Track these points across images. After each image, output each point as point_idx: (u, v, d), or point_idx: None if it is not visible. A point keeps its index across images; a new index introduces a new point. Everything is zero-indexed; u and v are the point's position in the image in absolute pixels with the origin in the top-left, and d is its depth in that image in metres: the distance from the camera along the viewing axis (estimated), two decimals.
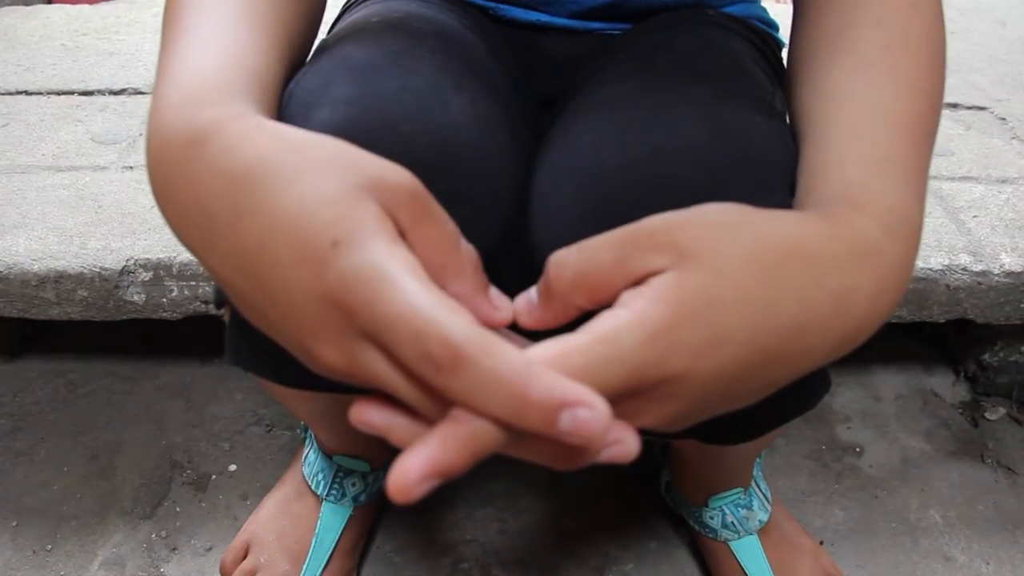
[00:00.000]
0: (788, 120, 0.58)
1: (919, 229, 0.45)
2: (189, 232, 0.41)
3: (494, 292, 0.42)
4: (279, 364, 0.43)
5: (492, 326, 0.40)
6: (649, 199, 0.48)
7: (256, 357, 0.59)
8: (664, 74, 0.56)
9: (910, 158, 0.47)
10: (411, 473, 0.33)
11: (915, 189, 0.46)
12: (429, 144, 0.49)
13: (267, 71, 0.49)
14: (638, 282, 0.38)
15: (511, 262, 0.53)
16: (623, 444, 0.36)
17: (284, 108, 0.51)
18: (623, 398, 0.36)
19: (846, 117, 0.49)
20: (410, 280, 0.34)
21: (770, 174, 0.50)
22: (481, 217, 0.50)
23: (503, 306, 0.41)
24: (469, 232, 0.42)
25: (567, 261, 0.39)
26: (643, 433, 0.53)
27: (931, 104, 0.50)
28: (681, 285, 0.36)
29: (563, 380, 0.33)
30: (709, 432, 0.59)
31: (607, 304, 0.38)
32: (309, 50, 0.58)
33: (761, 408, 0.47)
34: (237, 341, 0.60)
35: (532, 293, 0.42)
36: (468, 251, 0.41)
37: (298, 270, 0.35)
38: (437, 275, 0.39)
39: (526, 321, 0.41)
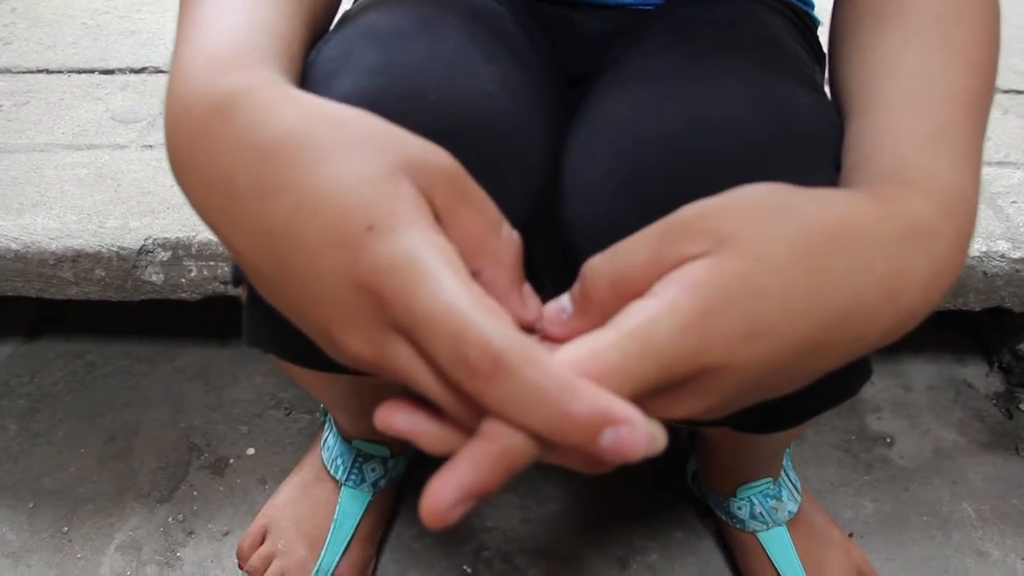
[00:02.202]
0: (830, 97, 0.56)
1: (975, 209, 0.43)
2: (208, 205, 0.38)
3: (526, 289, 0.39)
4: (299, 345, 0.41)
5: (519, 324, 0.38)
6: (689, 172, 0.45)
7: (275, 337, 0.57)
8: (702, 46, 0.54)
9: (965, 133, 0.44)
10: (444, 499, 0.31)
11: (971, 167, 0.43)
12: (458, 113, 0.46)
13: (294, 37, 0.47)
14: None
15: (537, 240, 0.51)
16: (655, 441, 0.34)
17: (304, 77, 0.49)
18: (658, 391, 0.34)
19: (896, 89, 0.46)
20: (450, 275, 0.32)
21: (815, 149, 0.48)
22: (514, 187, 0.48)
23: (532, 305, 0.39)
24: (501, 203, 0.39)
25: (602, 268, 0.37)
26: (674, 420, 0.51)
27: (985, 78, 0.47)
28: (718, 270, 0.34)
29: (606, 395, 0.31)
30: (744, 421, 0.57)
31: None
32: (332, 19, 0.56)
33: (800, 396, 0.45)
34: (255, 321, 0.58)
35: (564, 301, 0.39)
36: (510, 238, 0.38)
37: (328, 253, 0.33)
38: (472, 259, 0.37)
39: (560, 332, 0.38)
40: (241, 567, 0.89)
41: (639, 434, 0.31)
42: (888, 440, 1.11)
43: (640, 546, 0.97)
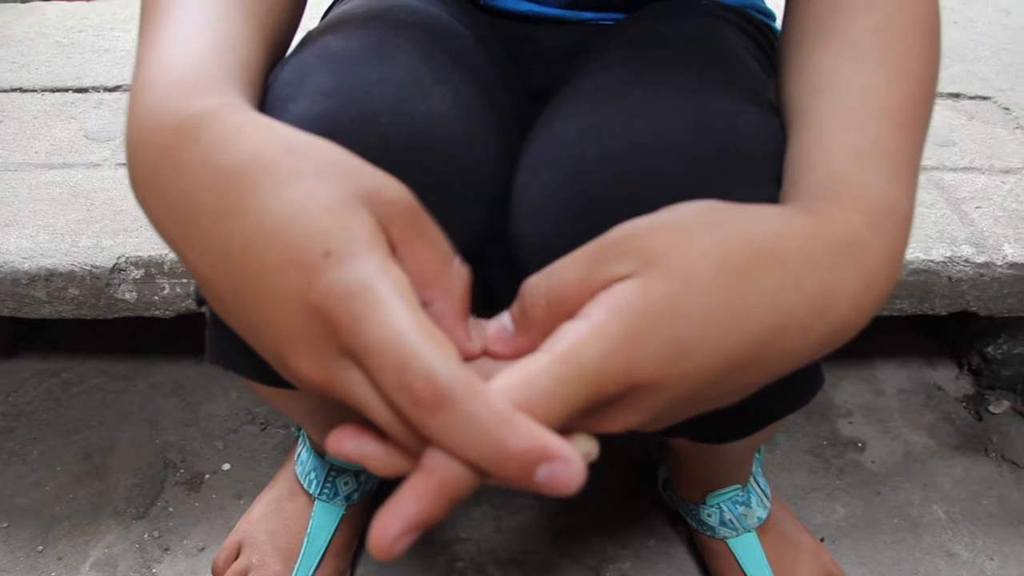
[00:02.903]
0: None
1: (908, 222, 0.44)
2: (168, 222, 0.39)
3: (472, 322, 0.40)
4: (259, 364, 0.42)
5: (462, 356, 0.39)
6: (629, 192, 0.46)
7: (236, 356, 0.58)
8: (649, 64, 0.55)
9: (899, 147, 0.45)
10: (389, 531, 0.32)
11: (904, 179, 0.44)
12: (408, 135, 0.47)
13: (255, 61, 0.47)
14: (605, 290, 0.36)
15: (495, 253, 0.52)
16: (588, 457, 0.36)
17: (263, 100, 0.50)
18: (592, 408, 0.35)
19: (832, 104, 0.47)
20: (401, 304, 0.33)
21: (755, 165, 0.49)
22: (462, 209, 0.49)
23: (477, 339, 0.40)
24: (449, 224, 0.40)
25: (539, 288, 0.38)
26: (634, 432, 0.52)
27: (923, 90, 0.48)
28: (645, 292, 0.35)
29: (543, 432, 0.32)
30: (699, 431, 0.58)
31: None
32: (289, 44, 0.57)
33: (751, 406, 0.46)
34: (217, 339, 0.59)
35: (505, 320, 0.40)
36: (460, 271, 0.39)
37: (285, 276, 0.34)
38: (424, 290, 0.38)
39: (503, 351, 0.39)
40: None
41: (573, 470, 0.32)
42: (859, 444, 1.12)
43: (613, 554, 0.97)
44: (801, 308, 0.37)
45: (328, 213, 0.35)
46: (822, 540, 0.99)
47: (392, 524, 0.32)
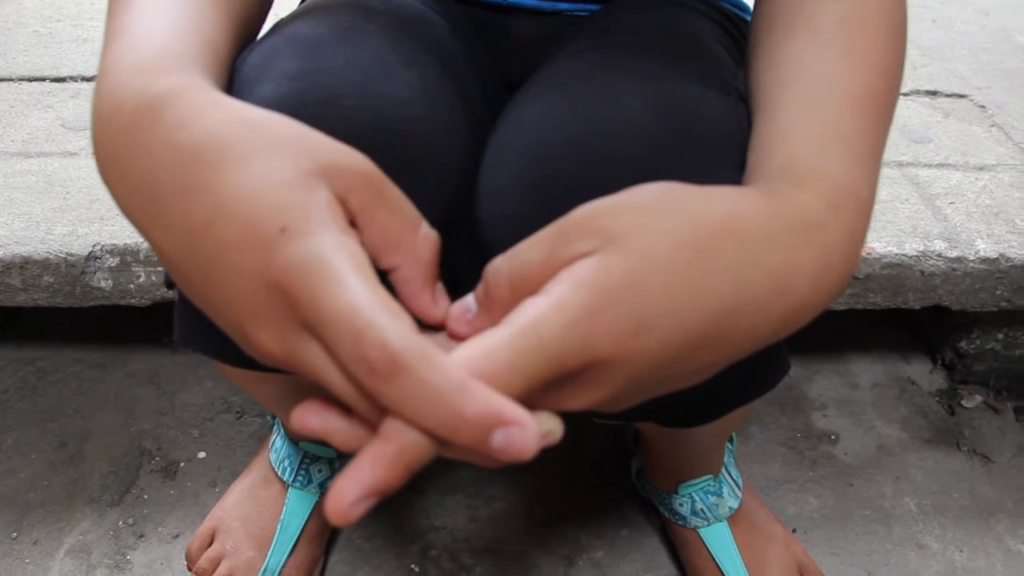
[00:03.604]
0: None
1: (868, 205, 0.44)
2: (132, 202, 0.39)
3: (439, 288, 0.41)
4: (225, 344, 0.42)
5: (426, 322, 0.40)
6: (592, 175, 0.47)
7: (203, 336, 0.58)
8: (616, 51, 0.55)
9: (861, 133, 0.46)
10: (346, 497, 0.33)
11: (865, 165, 0.45)
12: (372, 118, 0.48)
13: (222, 44, 0.48)
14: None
15: (462, 238, 0.52)
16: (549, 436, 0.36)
17: (230, 83, 0.50)
18: (552, 384, 0.36)
19: (796, 92, 0.48)
20: (355, 277, 0.33)
21: (718, 150, 0.49)
22: (429, 188, 0.49)
23: (442, 304, 0.40)
24: (417, 203, 0.41)
25: (503, 268, 0.38)
26: (602, 416, 0.53)
27: (887, 81, 0.49)
28: (604, 269, 0.35)
29: (498, 397, 0.32)
30: (666, 415, 0.58)
31: None
32: (259, 30, 0.57)
33: (716, 389, 0.47)
34: (185, 320, 0.59)
35: (469, 301, 0.40)
36: (427, 236, 0.40)
37: (244, 253, 0.35)
38: (388, 257, 0.38)
39: (466, 330, 0.39)
40: (190, 568, 0.90)
41: (528, 435, 0.32)
42: (833, 437, 1.13)
43: (586, 544, 0.98)
44: (760, 286, 0.38)
45: (284, 189, 0.35)
46: (794, 531, 1.00)
47: (349, 490, 0.33)
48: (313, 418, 0.36)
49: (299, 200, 0.35)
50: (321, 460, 0.90)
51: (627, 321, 0.35)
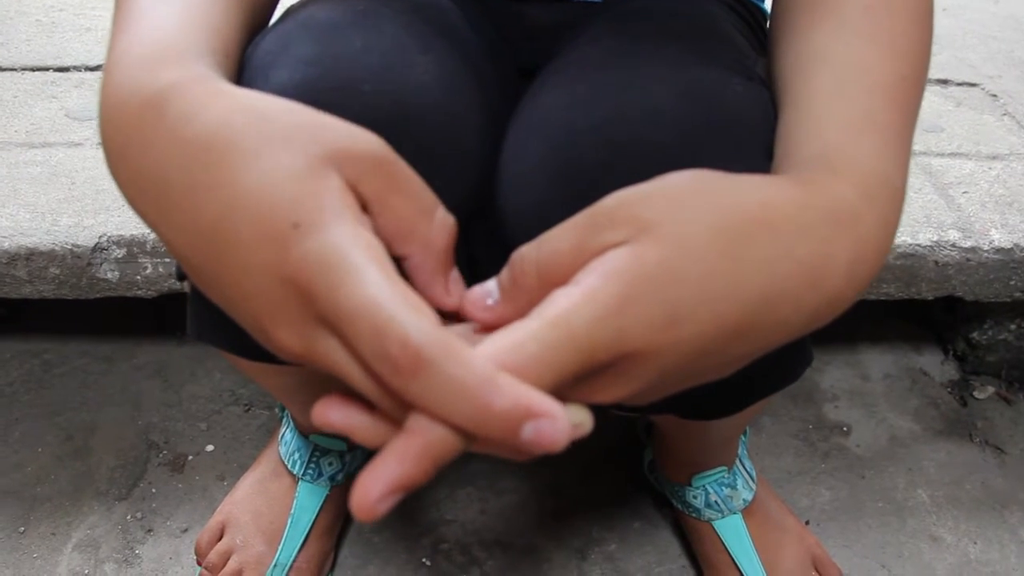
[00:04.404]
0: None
1: (901, 194, 0.44)
2: (142, 199, 0.39)
3: (453, 275, 0.40)
4: (240, 337, 0.42)
5: (439, 309, 0.39)
6: (617, 161, 0.46)
7: (217, 330, 0.57)
8: (638, 37, 0.55)
9: (891, 121, 0.45)
10: (372, 492, 0.32)
11: (897, 153, 0.44)
12: (392, 103, 0.47)
13: (230, 32, 0.47)
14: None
15: (482, 226, 0.51)
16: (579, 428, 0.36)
17: (242, 71, 0.49)
18: (582, 377, 0.35)
19: (825, 79, 0.47)
20: (373, 271, 0.33)
21: (745, 136, 0.48)
22: (449, 175, 0.48)
23: (456, 293, 0.39)
24: (436, 190, 0.40)
25: (530, 257, 0.37)
26: (623, 409, 0.52)
27: (914, 68, 0.48)
28: (637, 259, 0.34)
29: (526, 389, 0.32)
30: (687, 407, 0.57)
31: None
32: (269, 18, 0.56)
33: (739, 382, 0.46)
34: (198, 313, 0.58)
35: (490, 286, 0.39)
36: (443, 222, 0.39)
37: (258, 250, 0.34)
38: (401, 244, 0.37)
39: (487, 317, 0.38)
40: (199, 563, 0.89)
41: (559, 426, 0.31)
42: (845, 429, 1.12)
43: (599, 536, 0.97)
44: (794, 277, 0.37)
45: (295, 182, 0.34)
46: (807, 523, 0.99)
47: (375, 486, 0.32)
48: (335, 414, 0.35)
49: (311, 192, 0.34)
50: (332, 453, 0.89)
51: (661, 312, 0.34)
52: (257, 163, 0.35)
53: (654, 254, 0.34)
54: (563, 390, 0.35)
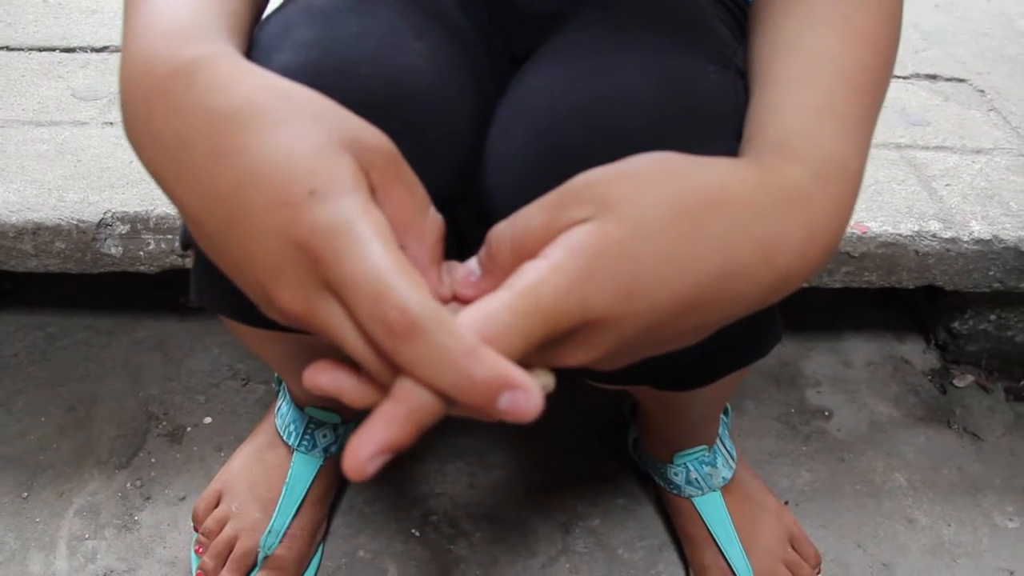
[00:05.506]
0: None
1: (856, 178, 0.46)
2: (161, 163, 0.41)
3: (444, 267, 0.43)
4: (241, 303, 0.44)
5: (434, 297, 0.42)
6: (595, 144, 0.49)
7: (219, 295, 0.60)
8: (622, 26, 0.57)
9: (853, 108, 0.48)
10: (361, 453, 0.35)
11: (855, 138, 0.47)
12: (386, 86, 0.50)
13: (242, 14, 0.50)
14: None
15: (469, 204, 0.54)
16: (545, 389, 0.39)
17: (248, 51, 0.52)
18: (548, 343, 0.38)
19: (791, 66, 0.50)
20: (379, 243, 0.35)
21: (717, 121, 0.51)
22: (437, 158, 0.51)
23: (447, 283, 0.42)
24: (426, 170, 0.43)
25: (505, 234, 0.41)
26: (598, 379, 0.55)
27: (881, 57, 0.51)
28: (600, 235, 0.37)
29: (506, 363, 0.35)
30: (660, 377, 0.60)
31: None
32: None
33: (709, 354, 0.49)
34: (201, 279, 0.61)
35: (473, 265, 0.42)
36: (435, 219, 0.42)
37: (271, 213, 0.36)
38: (400, 235, 0.40)
39: (470, 293, 0.42)
40: (196, 529, 0.92)
41: (533, 399, 0.35)
42: (826, 413, 1.15)
43: (583, 512, 1.00)
44: (748, 254, 0.40)
45: (315, 155, 0.37)
46: (786, 503, 1.02)
47: (364, 447, 0.35)
48: (324, 376, 0.38)
49: (329, 166, 0.37)
50: (326, 425, 0.92)
51: (620, 286, 0.37)
52: (279, 135, 0.37)
53: (615, 231, 0.37)
54: (531, 355, 0.38)
